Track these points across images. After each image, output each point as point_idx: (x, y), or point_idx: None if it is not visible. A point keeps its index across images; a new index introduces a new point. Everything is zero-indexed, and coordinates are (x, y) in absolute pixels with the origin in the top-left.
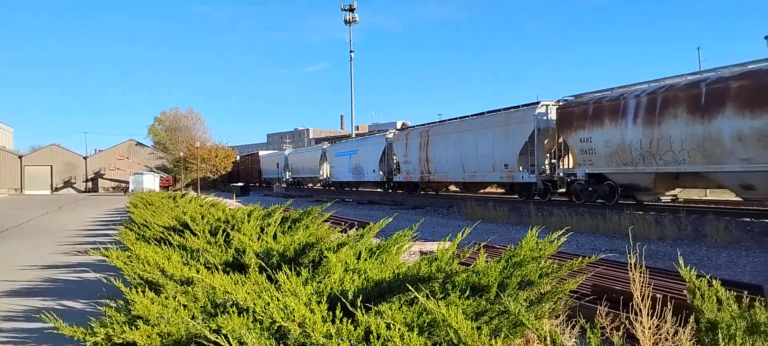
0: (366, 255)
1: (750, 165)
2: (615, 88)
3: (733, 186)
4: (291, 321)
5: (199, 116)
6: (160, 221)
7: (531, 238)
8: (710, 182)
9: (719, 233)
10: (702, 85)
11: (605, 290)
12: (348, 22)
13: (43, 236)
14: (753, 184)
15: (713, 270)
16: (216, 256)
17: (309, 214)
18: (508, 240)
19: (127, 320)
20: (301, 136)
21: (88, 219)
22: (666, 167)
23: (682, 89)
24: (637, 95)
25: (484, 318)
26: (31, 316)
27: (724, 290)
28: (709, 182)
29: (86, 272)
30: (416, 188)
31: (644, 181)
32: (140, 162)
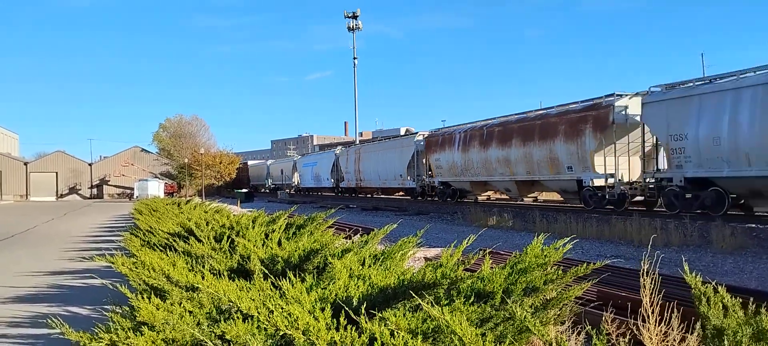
0: (370, 261)
1: (503, 177)
2: (452, 126)
3: (500, 189)
4: (295, 329)
5: (204, 123)
6: (165, 227)
7: (536, 245)
8: (489, 188)
9: (725, 239)
10: (484, 129)
11: (611, 296)
12: (351, 29)
13: (48, 243)
14: (509, 188)
15: (719, 276)
16: (221, 262)
17: (313, 220)
18: (513, 246)
19: (133, 326)
20: (305, 143)
21: (93, 225)
22: (474, 178)
23: (477, 130)
24: (460, 132)
25: (489, 324)
26: (36, 322)
27: (729, 296)
28: (489, 187)
29: (91, 279)
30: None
31: (466, 186)
32: (145, 169)
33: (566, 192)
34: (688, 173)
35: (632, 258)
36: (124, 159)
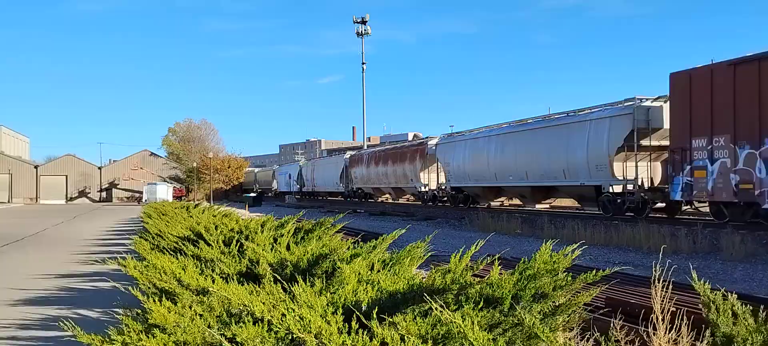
0: (379, 266)
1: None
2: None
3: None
4: (307, 332)
5: (213, 127)
6: (175, 231)
7: (545, 251)
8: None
9: (735, 246)
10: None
11: (620, 303)
12: (360, 35)
13: (58, 246)
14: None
15: (729, 284)
16: (230, 266)
17: (321, 225)
18: (521, 252)
19: (144, 329)
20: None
21: (103, 229)
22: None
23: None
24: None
25: (498, 330)
26: (47, 324)
27: (739, 303)
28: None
29: (101, 281)
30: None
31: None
32: (154, 172)
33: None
34: (452, 184)
35: (640, 265)
36: (133, 163)
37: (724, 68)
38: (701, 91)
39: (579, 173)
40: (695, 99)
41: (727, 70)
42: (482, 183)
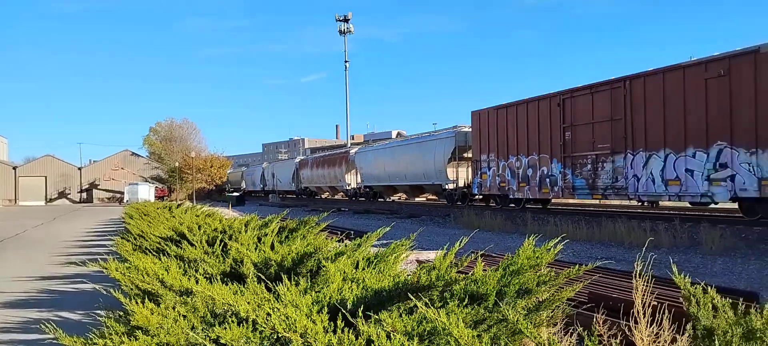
0: (364, 264)
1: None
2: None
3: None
4: (293, 332)
5: (195, 126)
6: (157, 231)
7: (528, 246)
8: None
9: (714, 240)
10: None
11: (602, 297)
12: (343, 33)
13: (38, 247)
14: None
15: (709, 278)
16: (214, 266)
17: (306, 224)
18: (505, 249)
19: (127, 331)
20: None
21: (83, 230)
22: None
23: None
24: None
25: (483, 326)
26: (27, 327)
27: (719, 297)
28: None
29: (82, 283)
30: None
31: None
32: (135, 172)
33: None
34: (365, 183)
35: (622, 260)
36: (114, 163)
37: (491, 111)
38: (483, 124)
39: (431, 176)
40: (481, 129)
41: (492, 112)
42: (383, 183)
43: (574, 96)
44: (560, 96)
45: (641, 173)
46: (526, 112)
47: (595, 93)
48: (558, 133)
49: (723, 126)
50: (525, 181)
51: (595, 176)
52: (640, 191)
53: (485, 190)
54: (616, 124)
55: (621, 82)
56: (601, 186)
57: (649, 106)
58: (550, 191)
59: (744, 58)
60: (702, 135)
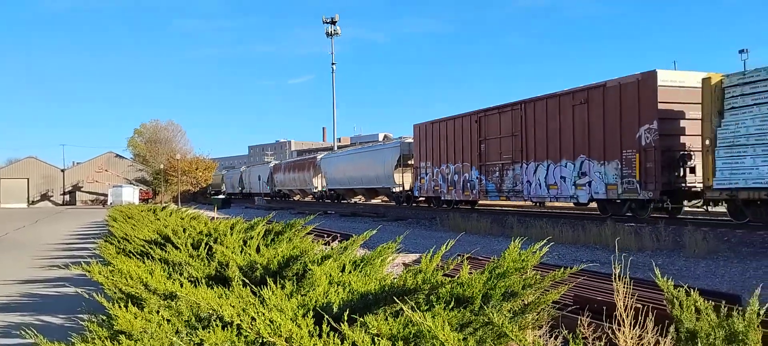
0: (350, 267)
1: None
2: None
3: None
4: (278, 336)
5: (180, 128)
6: (141, 234)
7: (514, 249)
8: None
9: (697, 243)
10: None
11: (587, 300)
12: (330, 35)
13: (19, 251)
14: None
15: (692, 280)
16: (199, 269)
17: (292, 227)
18: (491, 252)
19: (110, 336)
20: (283, 149)
21: (66, 233)
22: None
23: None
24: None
25: (469, 329)
26: (8, 332)
27: (702, 299)
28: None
29: (65, 287)
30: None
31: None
32: (119, 175)
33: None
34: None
35: (607, 263)
36: (97, 165)
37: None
38: (421, 136)
39: (382, 180)
40: (420, 140)
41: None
42: (344, 186)
43: (487, 115)
44: (477, 115)
45: (532, 179)
46: (454, 126)
47: (502, 113)
48: (476, 146)
49: (584, 143)
50: (452, 185)
51: (502, 181)
52: (532, 193)
53: (424, 193)
54: (515, 139)
55: (519, 105)
56: (505, 190)
57: (537, 125)
58: (470, 194)
59: (596, 90)
60: (570, 150)
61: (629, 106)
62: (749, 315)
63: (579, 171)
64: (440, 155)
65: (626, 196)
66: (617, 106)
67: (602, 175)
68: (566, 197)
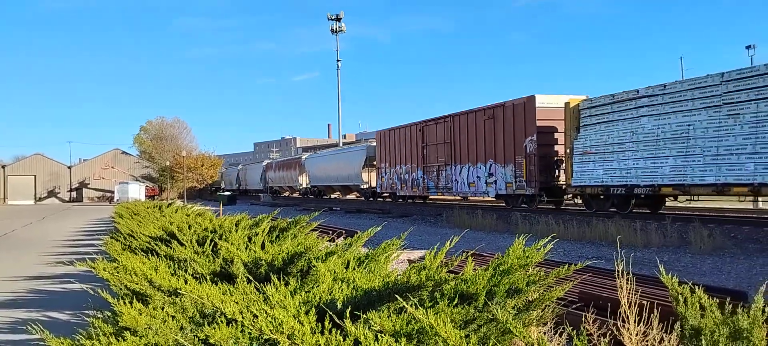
0: (354, 264)
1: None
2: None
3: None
4: (280, 333)
5: (185, 125)
6: (147, 231)
7: (518, 246)
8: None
9: (703, 240)
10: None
11: (592, 297)
12: (335, 32)
13: (27, 247)
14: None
15: (698, 277)
16: (204, 266)
17: (297, 223)
18: (496, 248)
19: (115, 332)
20: (288, 145)
21: (73, 229)
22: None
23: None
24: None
25: (473, 326)
26: (15, 328)
27: (706, 296)
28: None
29: (71, 283)
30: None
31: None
32: (125, 171)
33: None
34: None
35: (613, 259)
36: (104, 162)
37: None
38: (382, 141)
39: (353, 179)
40: (381, 145)
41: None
42: (324, 183)
43: (427, 125)
44: (420, 125)
45: (459, 178)
46: (405, 134)
47: (438, 124)
48: (420, 150)
49: (492, 150)
50: (405, 183)
51: (438, 179)
52: (459, 190)
53: (384, 189)
54: (447, 146)
55: (449, 118)
56: (441, 186)
57: (461, 135)
58: (417, 190)
59: (498, 109)
60: (483, 155)
61: (519, 122)
62: (754, 312)
63: (488, 172)
64: (395, 158)
65: (519, 192)
66: (511, 122)
67: (504, 175)
68: (481, 193)
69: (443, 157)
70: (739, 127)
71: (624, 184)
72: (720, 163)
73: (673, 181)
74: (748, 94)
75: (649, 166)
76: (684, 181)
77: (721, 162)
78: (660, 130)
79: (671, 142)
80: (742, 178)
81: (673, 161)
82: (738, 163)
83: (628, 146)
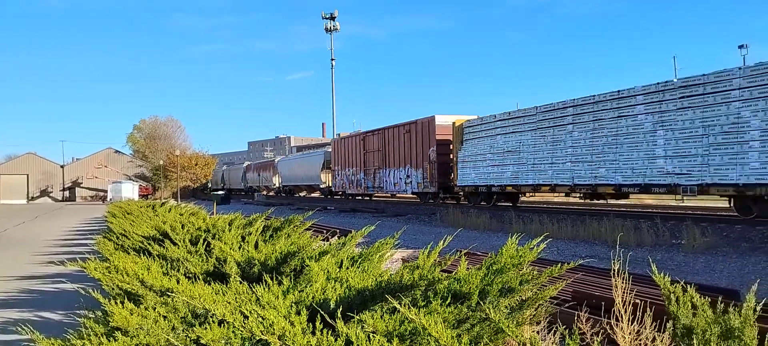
0: (348, 263)
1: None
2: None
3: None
4: (271, 334)
5: (179, 124)
6: (140, 230)
7: (511, 245)
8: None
9: (696, 239)
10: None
11: (585, 296)
12: (329, 31)
13: (19, 247)
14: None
15: (691, 276)
16: (196, 265)
17: (290, 222)
18: (490, 247)
19: (106, 332)
20: (282, 144)
21: (66, 229)
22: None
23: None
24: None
25: (466, 325)
26: (6, 328)
27: (698, 295)
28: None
29: (64, 283)
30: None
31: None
32: (119, 171)
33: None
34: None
35: (606, 258)
36: (97, 161)
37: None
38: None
39: (314, 179)
40: (335, 151)
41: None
42: (292, 183)
43: (367, 136)
44: (362, 135)
45: (388, 180)
46: (352, 142)
47: (375, 135)
48: (362, 157)
49: (409, 157)
50: (352, 183)
51: (374, 180)
52: (388, 189)
53: (338, 188)
54: (380, 153)
55: (382, 130)
56: (376, 186)
57: (389, 145)
58: (361, 189)
59: (413, 125)
60: (403, 161)
61: (425, 136)
62: (745, 311)
63: (407, 174)
64: (345, 162)
65: (426, 190)
66: (420, 136)
67: (416, 177)
68: (402, 191)
69: (377, 162)
70: (544, 145)
71: (486, 184)
72: (536, 170)
73: (511, 182)
74: (549, 122)
75: (499, 172)
76: (518, 182)
77: (536, 169)
78: (506, 145)
79: (511, 155)
80: (547, 180)
81: (512, 168)
82: (543, 170)
83: (488, 157)
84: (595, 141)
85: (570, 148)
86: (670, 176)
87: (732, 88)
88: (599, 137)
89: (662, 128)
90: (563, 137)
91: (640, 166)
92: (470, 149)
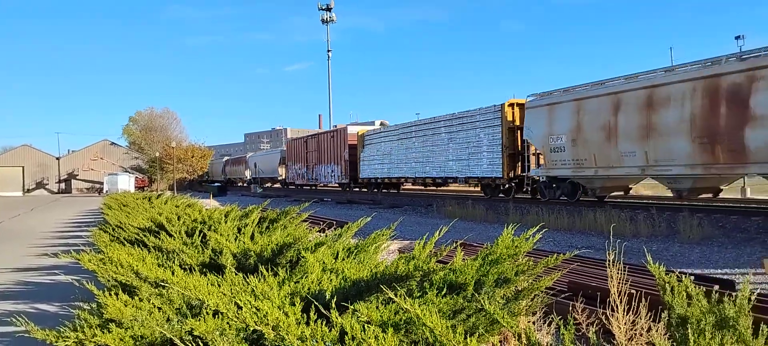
0: (344, 255)
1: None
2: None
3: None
4: (265, 325)
5: (175, 116)
6: (135, 222)
7: (507, 235)
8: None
9: (692, 229)
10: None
11: (581, 286)
12: (325, 22)
13: (14, 239)
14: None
15: (686, 266)
16: (192, 257)
17: (287, 214)
18: (486, 238)
19: (100, 324)
20: (279, 136)
21: (62, 221)
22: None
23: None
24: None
25: (462, 316)
26: (2, 320)
27: (693, 285)
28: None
29: (59, 275)
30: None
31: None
32: (115, 162)
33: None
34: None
35: (602, 249)
36: (93, 153)
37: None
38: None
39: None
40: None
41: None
42: (260, 176)
43: (310, 138)
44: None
45: (320, 173)
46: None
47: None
48: (305, 155)
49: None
50: (300, 176)
51: (313, 174)
52: (321, 181)
53: (290, 180)
54: (317, 152)
55: (318, 134)
56: (314, 179)
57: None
58: (306, 181)
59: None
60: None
61: (342, 141)
62: (740, 301)
63: (331, 169)
64: (295, 159)
65: (343, 181)
66: (340, 141)
67: (338, 171)
68: (330, 182)
69: (315, 159)
70: (403, 151)
71: (376, 177)
72: (398, 168)
73: (387, 176)
74: (404, 136)
75: (381, 169)
76: (390, 176)
77: (398, 167)
78: (384, 150)
79: (386, 157)
80: (403, 175)
81: (387, 166)
82: (402, 168)
83: (375, 158)
84: (425, 149)
85: (413, 153)
86: (454, 172)
87: (477, 122)
88: (427, 146)
89: (452, 143)
90: (412, 146)
91: (442, 166)
92: (367, 152)
